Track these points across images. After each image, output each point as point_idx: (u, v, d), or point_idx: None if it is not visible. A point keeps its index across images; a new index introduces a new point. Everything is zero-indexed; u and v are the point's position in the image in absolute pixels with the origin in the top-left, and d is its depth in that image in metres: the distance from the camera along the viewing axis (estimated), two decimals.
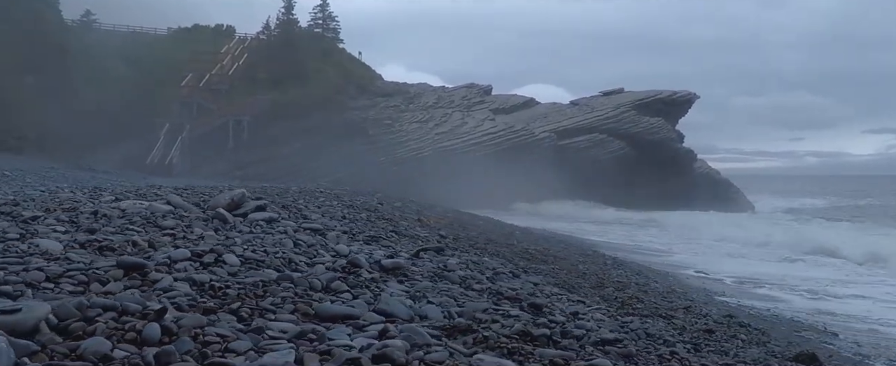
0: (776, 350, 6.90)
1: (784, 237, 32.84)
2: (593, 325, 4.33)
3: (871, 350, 13.10)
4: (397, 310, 3.23)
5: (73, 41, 61.13)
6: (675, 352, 4.13)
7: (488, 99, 69.24)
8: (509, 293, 4.56)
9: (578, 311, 4.95)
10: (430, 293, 3.79)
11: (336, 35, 75.36)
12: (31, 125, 54.81)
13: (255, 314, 2.88)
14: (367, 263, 4.25)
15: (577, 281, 9.99)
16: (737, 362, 4.94)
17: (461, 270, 5.06)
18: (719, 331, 7.75)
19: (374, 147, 59.82)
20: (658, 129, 61.04)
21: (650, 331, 5.11)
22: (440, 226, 12.81)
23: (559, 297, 6.02)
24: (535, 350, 2.98)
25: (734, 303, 16.35)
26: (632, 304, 8.36)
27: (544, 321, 3.75)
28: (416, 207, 19.59)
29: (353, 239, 5.40)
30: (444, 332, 3.08)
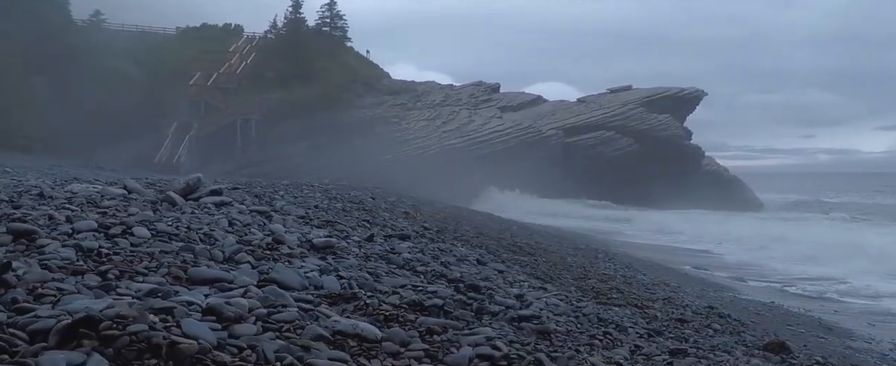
0: (749, 339, 6.82)
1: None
2: (535, 307, 4.29)
3: (863, 345, 12.99)
4: (288, 279, 3.21)
5: (81, 41, 61.48)
6: (608, 333, 4.07)
7: (496, 97, 69.14)
8: (453, 276, 4.52)
9: (525, 294, 4.89)
10: (348, 269, 3.74)
11: (344, 34, 75.40)
12: (40, 125, 55.21)
13: (124, 277, 2.86)
14: (299, 241, 4.22)
15: (558, 272, 9.93)
16: (690, 347, 4.86)
17: (409, 253, 5.01)
18: (695, 321, 7.67)
19: (381, 145, 59.81)
20: (666, 126, 60.74)
21: (604, 316, 5.05)
22: (427, 219, 12.76)
23: (521, 284, 5.96)
24: (417, 319, 2.94)
25: (729, 297, 16.27)
26: (608, 294, 8.29)
27: (461, 299, 3.69)
28: (412, 202, 19.54)
29: (306, 223, 5.37)
30: (327, 299, 3.05)
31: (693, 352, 4.68)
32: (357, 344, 2.57)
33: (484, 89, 71.30)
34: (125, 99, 59.25)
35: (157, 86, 61.65)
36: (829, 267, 24.02)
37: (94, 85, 58.24)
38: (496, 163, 57.14)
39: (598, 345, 3.60)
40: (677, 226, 36.92)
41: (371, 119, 62.94)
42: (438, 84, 74.25)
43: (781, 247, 29.40)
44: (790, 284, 20.60)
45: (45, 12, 60.55)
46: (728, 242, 30.77)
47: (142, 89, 60.90)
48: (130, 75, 62.59)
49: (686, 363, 4.48)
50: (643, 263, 20.93)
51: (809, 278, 22.05)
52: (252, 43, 71.51)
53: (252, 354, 2.31)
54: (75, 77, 57.69)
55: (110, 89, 58.72)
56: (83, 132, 54.92)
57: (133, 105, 59.83)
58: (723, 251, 27.99)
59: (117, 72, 61.58)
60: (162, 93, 61.02)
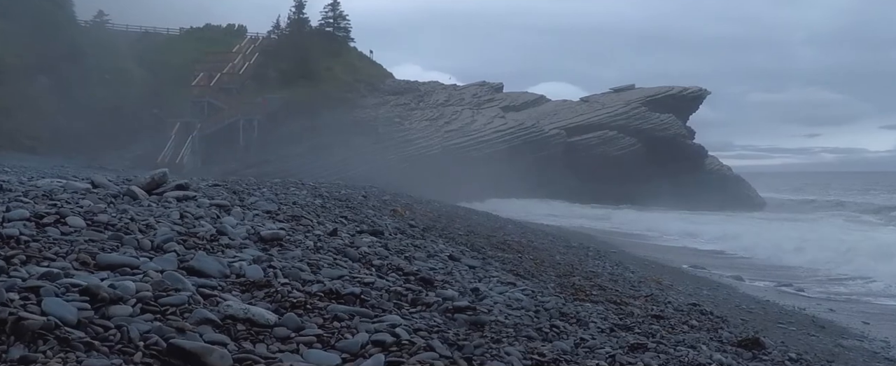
0: (725, 336, 6.76)
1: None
2: (489, 300, 4.26)
3: (855, 343, 12.90)
4: (207, 267, 3.21)
5: (85, 42, 61.75)
6: (555, 326, 4.04)
7: (499, 97, 69.12)
8: (410, 270, 4.49)
9: (482, 288, 4.86)
10: (285, 260, 3.72)
11: (347, 34, 75.52)
12: (45, 126, 55.45)
13: (30, 261, 2.85)
14: (247, 233, 4.21)
15: (542, 269, 9.89)
16: (652, 342, 4.82)
17: (369, 247, 4.98)
18: (673, 317, 7.61)
19: (384, 145, 59.86)
20: (668, 125, 60.57)
21: (566, 311, 5.02)
22: (416, 217, 12.72)
23: (490, 279, 5.92)
24: (327, 306, 2.93)
25: (723, 295, 16.18)
26: (588, 291, 8.25)
27: (398, 290, 3.66)
28: (406, 201, 19.50)
29: (271, 218, 5.34)
30: (239, 287, 3.04)
31: (653, 347, 4.65)
32: (246, 328, 2.55)
33: (487, 89, 71.28)
34: (129, 99, 59.55)
35: (161, 86, 61.92)
36: (829, 266, 23.87)
37: (98, 85, 58.52)
38: (499, 162, 57.07)
39: (538, 338, 3.56)
40: (677, 226, 36.79)
41: (374, 119, 62.99)
42: (442, 84, 74.28)
43: (782, 247, 29.24)
44: (788, 282, 20.48)
45: (49, 13, 60.83)
46: (727, 241, 30.60)
47: (146, 90, 61.19)
48: (134, 76, 62.87)
49: (645, 357, 4.44)
50: (640, 262, 20.88)
51: (809, 278, 21.90)
52: (255, 43, 71.68)
53: (117, 333, 2.31)
54: (80, 77, 57.95)
55: (114, 90, 59.01)
56: (88, 132, 55.17)
57: (137, 105, 60.15)
58: (722, 250, 27.83)
59: (121, 72, 61.87)
60: (165, 93, 61.29)
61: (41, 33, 57.92)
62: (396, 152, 59.12)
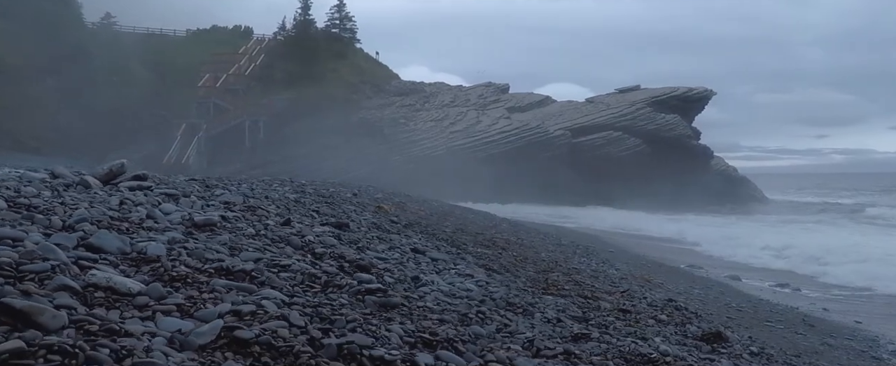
0: (691, 330, 6.73)
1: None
2: (428, 288, 4.27)
3: (843, 342, 12.82)
4: (105, 244, 3.24)
5: (92, 43, 62.11)
6: (482, 312, 4.03)
7: (504, 97, 69.07)
8: (352, 257, 4.49)
9: (423, 277, 4.85)
10: (201, 242, 3.74)
11: (353, 35, 75.68)
12: (51, 126, 55.81)
13: None
14: (180, 219, 4.23)
15: (520, 264, 9.89)
16: (601, 333, 4.80)
17: (315, 237, 4.98)
18: (644, 313, 7.58)
19: (389, 146, 59.92)
20: (674, 126, 60.35)
21: (514, 301, 5.01)
22: (403, 214, 12.72)
23: (448, 271, 5.92)
24: (210, 281, 2.95)
25: (715, 294, 16.10)
26: (561, 285, 8.24)
27: (314, 273, 3.66)
28: (401, 199, 19.51)
29: (227, 210, 5.35)
30: (127, 261, 3.08)
31: (597, 337, 4.63)
32: (105, 296, 2.57)
33: (493, 90, 71.25)
34: (135, 100, 59.88)
35: (167, 87, 62.23)
36: (830, 266, 23.69)
37: (104, 87, 58.86)
38: (504, 163, 57.05)
39: (454, 321, 3.57)
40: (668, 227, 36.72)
41: (379, 120, 63.07)
42: (447, 85, 74.31)
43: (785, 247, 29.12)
44: (785, 283, 20.38)
45: (56, 15, 61.21)
46: (727, 242, 30.47)
47: (151, 91, 61.50)
48: (140, 77, 63.21)
49: (587, 347, 4.43)
50: (636, 261, 20.82)
51: (809, 277, 21.78)
52: (261, 44, 71.91)
53: None
54: (86, 79, 58.29)
55: (120, 91, 59.34)
56: (94, 133, 55.50)
57: (143, 106, 60.48)
58: (722, 251, 27.70)
59: (127, 73, 62.21)
60: (171, 94, 61.56)
61: (48, 35, 58.29)
62: (401, 153, 59.16)
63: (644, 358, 4.28)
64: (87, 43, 61.69)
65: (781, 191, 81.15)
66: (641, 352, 4.35)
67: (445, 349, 2.85)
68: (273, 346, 2.36)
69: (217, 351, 2.32)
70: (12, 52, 55.68)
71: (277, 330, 2.45)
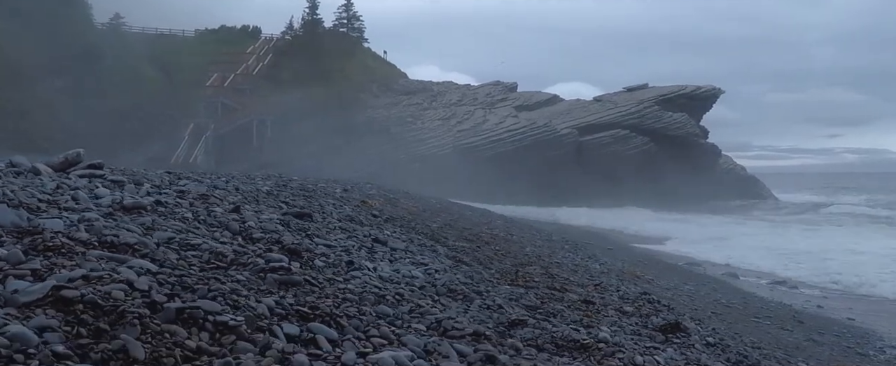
0: (653, 321, 6.69)
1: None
2: (362, 270, 4.31)
3: (831, 338, 12.74)
4: (1, 218, 3.29)
5: (101, 44, 62.49)
6: (400, 294, 4.04)
7: (512, 96, 68.96)
8: (287, 242, 4.51)
9: (358, 262, 4.87)
10: (118, 222, 3.78)
11: (361, 35, 75.80)
12: (60, 126, 56.15)
13: None
14: (110, 202, 4.28)
15: (498, 258, 9.91)
16: (542, 320, 4.80)
17: (256, 223, 5.01)
18: (611, 305, 7.57)
19: (396, 145, 59.99)
20: (682, 124, 60.03)
21: (455, 288, 5.02)
22: (388, 209, 12.74)
23: (402, 260, 5.93)
24: (86, 252, 2.99)
25: (706, 291, 16.03)
26: (532, 277, 8.24)
27: (222, 251, 3.70)
28: (396, 196, 19.55)
29: (181, 197, 5.39)
30: (14, 235, 3.14)
31: (533, 323, 4.63)
32: None
33: (501, 89, 71.14)
34: (144, 100, 60.21)
35: (175, 87, 62.54)
36: (829, 264, 23.51)
37: (113, 87, 59.21)
38: (510, 162, 56.99)
39: (371, 301, 3.59)
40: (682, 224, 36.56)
41: (386, 119, 63.15)
42: (455, 84, 74.24)
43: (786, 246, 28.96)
44: (783, 280, 20.26)
45: (66, 16, 61.62)
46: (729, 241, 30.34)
47: (160, 91, 61.83)
48: (149, 77, 63.55)
49: (521, 332, 4.43)
50: (632, 258, 20.77)
51: (808, 275, 21.60)
52: (269, 44, 72.12)
53: None
54: (95, 79, 58.64)
55: (129, 91, 59.69)
56: (102, 133, 55.76)
57: (151, 106, 60.80)
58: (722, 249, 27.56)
59: (136, 74, 62.55)
60: (180, 94, 61.85)
61: (58, 36, 58.66)
62: (408, 152, 59.21)
63: (576, 343, 4.27)
64: (96, 43, 62.06)
65: (791, 190, 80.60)
66: (574, 338, 4.34)
67: (324, 323, 2.87)
68: (98, 305, 2.38)
69: (39, 308, 2.35)
70: (22, 53, 56.11)
71: (111, 292, 2.47)
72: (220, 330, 2.47)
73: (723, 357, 5.44)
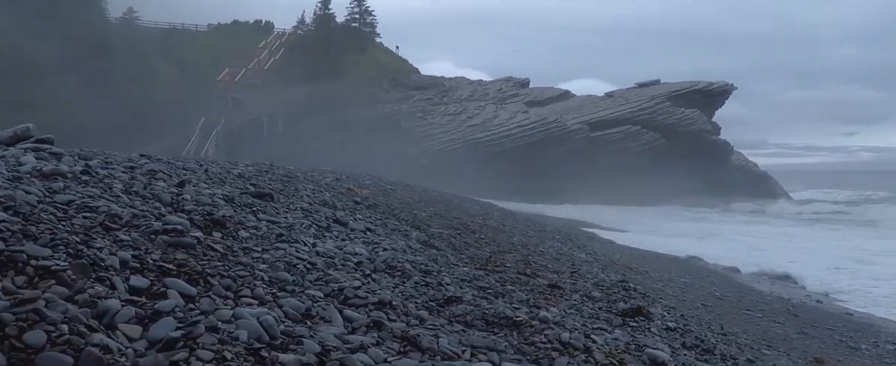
0: (619, 307, 6.54)
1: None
2: (294, 244, 4.20)
3: (823, 332, 12.49)
4: None
5: (115, 39, 62.82)
6: (312, 263, 3.93)
7: (524, 92, 68.64)
8: (216, 215, 4.40)
9: (292, 235, 4.76)
10: (32, 188, 3.72)
11: (373, 30, 75.75)
12: (72, 121, 56.39)
13: None
14: (31, 169, 4.23)
15: (475, 244, 9.81)
16: (478, 300, 4.67)
17: (191, 196, 4.90)
18: (581, 291, 7.43)
19: (406, 140, 59.89)
20: (693, 120, 59.47)
21: (396, 265, 4.89)
22: (373, 196, 12.62)
23: (355, 240, 5.80)
24: None
25: (699, 284, 15.80)
26: (501, 262, 8.11)
27: (126, 218, 3.60)
28: (392, 187, 19.46)
29: (128, 173, 5.31)
30: None
31: (469, 301, 4.51)
32: None
33: (512, 84, 70.88)
34: (156, 95, 60.46)
35: (188, 82, 62.77)
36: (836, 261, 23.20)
37: (126, 82, 59.49)
38: (520, 157, 56.76)
39: (280, 269, 3.50)
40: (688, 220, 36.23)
41: (396, 114, 63.06)
42: (467, 79, 74.00)
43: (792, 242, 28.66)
44: (785, 275, 19.98)
45: (80, 11, 61.95)
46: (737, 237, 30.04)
47: (172, 85, 62.08)
48: (161, 72, 63.82)
49: (452, 309, 4.31)
50: (631, 252, 20.55)
51: (812, 272, 21.27)
52: (281, 39, 72.22)
53: None
54: (108, 74, 58.94)
55: (142, 86, 59.96)
56: (114, 128, 56.04)
57: (164, 101, 61.04)
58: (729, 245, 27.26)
59: (149, 68, 62.83)
60: (191, 89, 62.07)
61: (71, 30, 58.96)
62: (418, 147, 59.10)
63: (508, 320, 4.16)
64: (109, 39, 62.41)
65: (804, 188, 79.74)
66: (508, 315, 4.22)
67: (189, 281, 2.76)
68: None
69: None
70: (35, 48, 56.47)
71: None
72: (41, 274, 2.38)
73: (679, 341, 5.28)
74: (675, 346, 5.10)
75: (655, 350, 4.09)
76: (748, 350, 6.84)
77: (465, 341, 3.26)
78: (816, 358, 9.42)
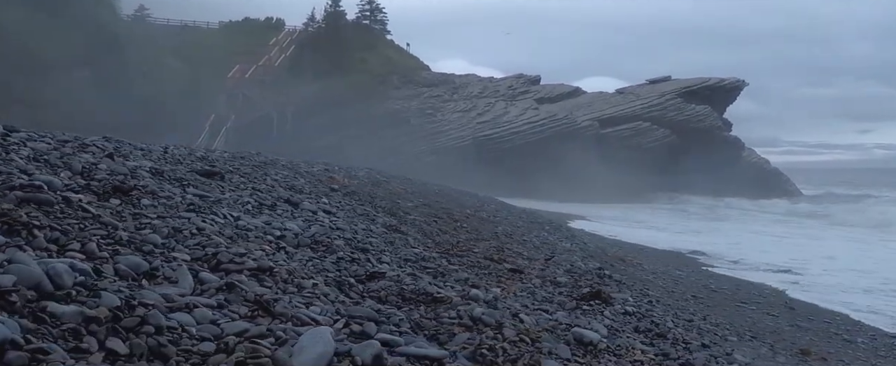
0: (584, 293, 6.23)
1: None
2: (207, 216, 3.98)
3: (819, 325, 12.11)
4: None
5: (126, 36, 63.02)
6: (231, 238, 3.69)
7: (534, 88, 68.19)
8: (124, 185, 4.18)
9: (209, 208, 4.52)
10: None
11: (383, 27, 75.55)
12: (83, 117, 56.59)
13: None
14: None
15: (452, 232, 9.58)
16: (408, 275, 4.40)
17: (106, 165, 4.67)
18: (546, 277, 7.15)
19: (415, 136, 59.66)
20: (704, 117, 58.78)
21: (322, 240, 4.63)
22: (356, 186, 12.39)
23: (296, 218, 5.55)
24: None
25: (692, 277, 15.46)
26: (468, 248, 7.84)
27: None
28: (385, 179, 19.26)
29: (68, 147, 5.10)
30: None
31: (392, 277, 4.29)
32: None
33: (523, 81, 70.45)
34: (166, 92, 60.58)
35: (198, 79, 62.83)
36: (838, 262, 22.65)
37: (136, 78, 59.65)
38: (529, 154, 56.38)
39: (184, 238, 3.27)
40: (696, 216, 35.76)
41: (406, 111, 62.81)
42: (478, 76, 73.61)
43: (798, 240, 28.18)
44: (787, 269, 19.55)
45: (91, 8, 62.16)
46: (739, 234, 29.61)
47: (182, 82, 62.17)
48: (172, 68, 63.93)
49: (374, 285, 4.06)
50: (630, 247, 20.22)
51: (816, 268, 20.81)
52: (292, 36, 72.17)
53: None
54: (119, 71, 59.11)
55: (152, 82, 60.10)
56: (124, 124, 56.04)
57: (173, 98, 61.15)
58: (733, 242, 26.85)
59: (159, 65, 62.97)
60: (201, 85, 62.13)
61: (83, 27, 59.16)
62: (427, 143, 58.85)
63: (428, 297, 3.90)
64: (121, 36, 62.62)
65: (816, 185, 78.78)
66: (428, 292, 3.95)
67: (8, 233, 2.53)
68: None
69: None
70: (47, 45, 56.68)
71: None
72: None
73: (631, 325, 4.98)
74: (625, 329, 4.80)
75: (585, 330, 3.80)
76: (711, 337, 6.51)
77: (345, 310, 3.00)
78: (802, 349, 9.08)
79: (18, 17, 55.28)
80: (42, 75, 54.14)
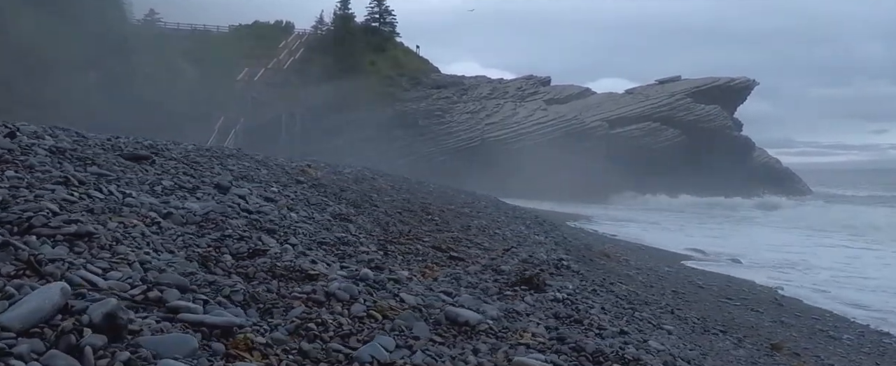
0: (514, 280, 5.96)
1: None
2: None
3: (807, 322, 11.75)
4: None
5: (136, 39, 63.33)
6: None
7: (544, 90, 67.83)
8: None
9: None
10: None
11: (393, 29, 75.39)
12: (93, 119, 56.76)
13: None
14: None
15: (409, 223, 9.34)
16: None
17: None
18: (488, 266, 6.87)
19: (424, 138, 59.47)
20: (713, 117, 58.16)
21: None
22: (320, 178, 12.16)
23: (210, 198, 5.31)
24: None
25: (684, 274, 15.10)
26: (416, 237, 7.60)
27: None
28: (373, 175, 19.02)
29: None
30: None
31: (273, 255, 4.03)
32: None
33: (533, 83, 70.11)
34: (175, 95, 60.79)
35: (207, 82, 63.00)
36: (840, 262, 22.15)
37: (146, 81, 59.89)
38: (538, 155, 56.00)
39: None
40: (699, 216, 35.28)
41: (415, 112, 62.65)
42: (487, 78, 73.30)
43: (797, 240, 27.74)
44: (784, 269, 19.13)
45: (101, 11, 62.53)
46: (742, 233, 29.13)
47: (192, 85, 62.37)
48: (181, 72, 64.16)
49: (256, 262, 3.83)
50: (625, 245, 19.88)
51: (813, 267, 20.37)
52: (301, 39, 72.25)
53: None
54: (128, 74, 59.40)
55: (162, 86, 60.32)
56: (134, 127, 56.18)
57: (184, 101, 61.35)
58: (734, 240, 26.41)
59: (169, 68, 63.21)
60: (211, 88, 62.29)
61: (92, 30, 59.48)
62: (436, 145, 58.64)
63: (301, 274, 3.78)
64: (130, 39, 62.97)
65: (829, 186, 77.76)
66: (303, 269, 3.74)
67: None
68: None
69: None
70: (57, 48, 57.03)
71: None
72: None
73: (551, 311, 4.69)
74: (536, 313, 4.51)
75: (461, 309, 3.55)
76: (645, 325, 6.19)
77: (154, 278, 2.76)
78: (774, 344, 8.73)
79: (28, 21, 55.67)
80: (51, 78, 54.48)
